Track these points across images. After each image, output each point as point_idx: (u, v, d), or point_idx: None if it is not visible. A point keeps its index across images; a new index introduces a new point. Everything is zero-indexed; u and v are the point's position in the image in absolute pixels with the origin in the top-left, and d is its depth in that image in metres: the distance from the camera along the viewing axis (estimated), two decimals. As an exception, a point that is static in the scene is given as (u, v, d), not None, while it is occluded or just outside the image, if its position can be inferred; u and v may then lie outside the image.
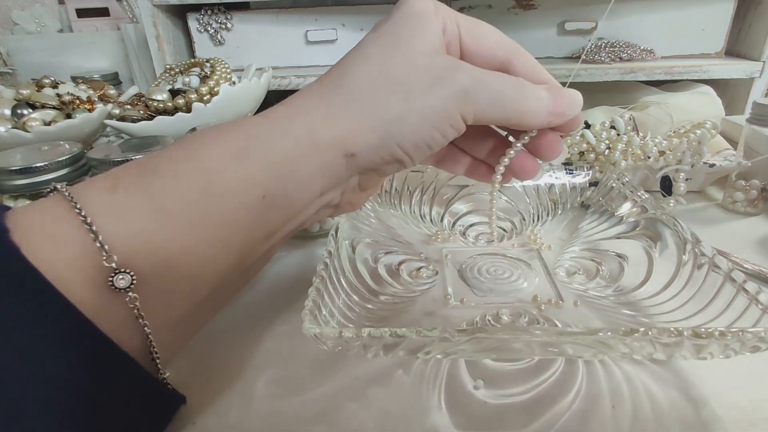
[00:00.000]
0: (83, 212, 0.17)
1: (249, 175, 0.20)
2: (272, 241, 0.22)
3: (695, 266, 0.26)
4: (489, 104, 0.22)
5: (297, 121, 0.21)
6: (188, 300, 0.20)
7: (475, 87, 0.21)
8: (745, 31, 0.60)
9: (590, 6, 0.59)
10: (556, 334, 0.21)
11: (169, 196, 0.18)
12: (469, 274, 0.32)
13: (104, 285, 0.17)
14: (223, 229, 0.19)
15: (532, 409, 0.22)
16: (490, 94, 0.21)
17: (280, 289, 0.32)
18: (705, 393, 0.23)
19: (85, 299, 0.16)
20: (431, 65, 0.21)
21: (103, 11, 0.78)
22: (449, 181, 0.39)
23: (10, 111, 0.44)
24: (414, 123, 0.21)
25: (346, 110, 0.21)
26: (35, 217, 0.17)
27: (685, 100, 0.53)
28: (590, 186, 0.39)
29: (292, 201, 0.21)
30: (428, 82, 0.21)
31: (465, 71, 0.21)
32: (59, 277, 0.16)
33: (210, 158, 0.19)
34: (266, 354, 0.26)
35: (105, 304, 0.17)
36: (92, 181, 0.19)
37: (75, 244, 0.17)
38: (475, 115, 0.22)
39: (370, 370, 0.25)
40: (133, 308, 0.18)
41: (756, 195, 0.39)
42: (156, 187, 0.19)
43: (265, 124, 0.21)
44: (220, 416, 0.23)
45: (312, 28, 0.63)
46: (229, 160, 0.19)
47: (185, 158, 0.19)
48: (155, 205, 0.18)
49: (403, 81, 0.21)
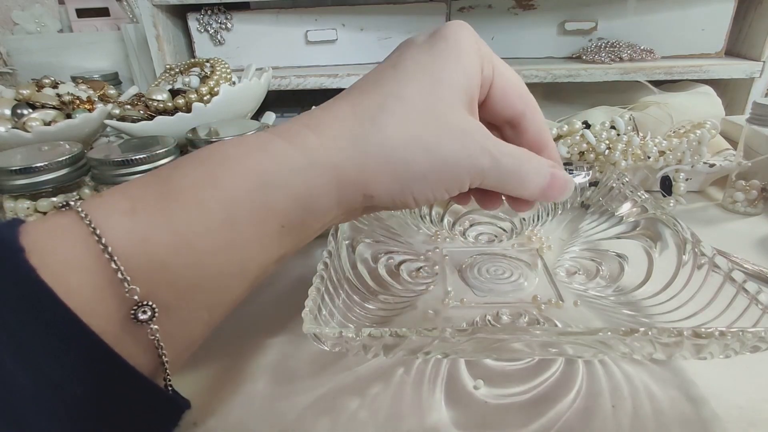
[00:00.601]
0: (103, 240, 0.17)
1: (272, 205, 0.19)
2: (282, 262, 0.22)
3: (695, 266, 0.26)
4: (497, 180, 0.23)
5: (326, 156, 0.20)
6: (205, 326, 0.20)
7: (492, 167, 0.22)
8: (745, 31, 0.60)
9: (590, 6, 0.59)
10: (556, 334, 0.21)
11: (192, 226, 0.18)
12: (469, 274, 0.32)
13: (126, 317, 0.17)
14: (242, 257, 0.19)
15: (532, 409, 0.22)
16: (503, 174, 0.22)
17: (280, 289, 0.32)
18: (705, 393, 0.23)
19: (106, 330, 0.16)
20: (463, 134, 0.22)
21: (103, 11, 0.78)
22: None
23: (10, 111, 0.44)
24: (432, 182, 0.22)
25: (376, 158, 0.21)
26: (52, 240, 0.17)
27: (685, 100, 0.53)
28: (590, 186, 0.39)
29: (308, 229, 0.21)
30: (456, 152, 0.21)
31: (490, 152, 0.22)
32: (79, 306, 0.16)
33: (234, 187, 0.19)
34: (267, 354, 0.26)
35: (126, 335, 0.17)
36: (108, 200, 0.18)
37: (96, 274, 0.16)
38: (482, 184, 0.23)
39: (370, 369, 0.25)
40: (154, 339, 0.17)
41: (756, 195, 0.39)
42: (178, 216, 0.18)
43: (291, 153, 0.20)
44: (222, 416, 0.23)
45: (312, 28, 0.63)
46: (253, 190, 0.19)
47: (209, 184, 0.19)
48: (178, 236, 0.18)
49: (434, 144, 0.21)
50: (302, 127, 0.21)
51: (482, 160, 0.22)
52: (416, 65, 0.22)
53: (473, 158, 0.22)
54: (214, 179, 0.19)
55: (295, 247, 0.22)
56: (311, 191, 0.20)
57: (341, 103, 0.22)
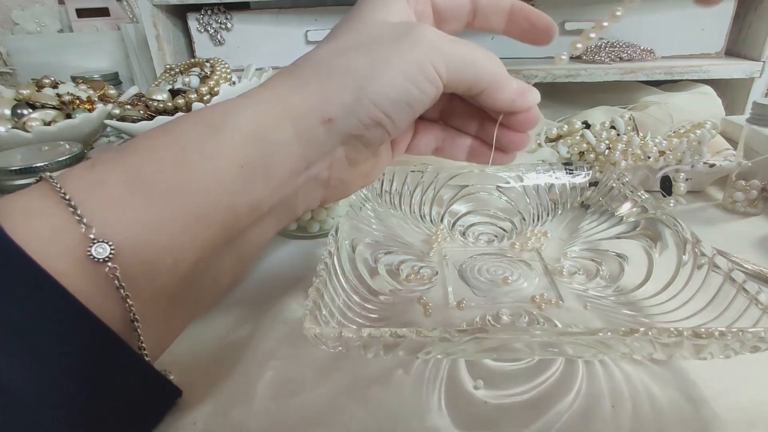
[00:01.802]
0: (63, 189, 0.17)
1: (224, 144, 0.20)
2: (258, 214, 0.22)
3: (695, 266, 0.26)
4: (461, 62, 0.22)
5: (271, 93, 0.21)
6: (170, 273, 0.19)
7: (442, 39, 0.22)
8: (745, 31, 0.60)
9: (590, 6, 0.59)
10: (556, 334, 0.21)
11: (144, 168, 0.19)
12: (469, 275, 0.32)
13: (83, 256, 0.17)
14: (201, 200, 0.19)
15: (532, 409, 0.22)
16: (461, 49, 0.22)
17: (280, 289, 0.32)
18: (705, 393, 0.23)
19: (65, 271, 0.16)
20: (396, 26, 0.22)
21: (103, 11, 0.78)
22: (449, 181, 0.39)
23: (10, 111, 0.44)
24: (387, 77, 0.21)
25: (316, 76, 0.21)
26: (18, 198, 0.18)
27: (685, 100, 0.53)
28: (590, 186, 0.39)
29: (271, 169, 0.21)
30: (395, 37, 0.22)
31: (431, 29, 0.22)
32: (38, 250, 0.16)
33: (185, 132, 0.20)
34: (267, 354, 0.26)
35: (85, 276, 0.17)
36: (75, 166, 0.20)
37: (54, 217, 0.17)
38: (447, 69, 0.22)
39: (370, 370, 0.25)
40: (113, 278, 0.18)
41: (756, 195, 0.39)
42: (131, 162, 0.19)
43: (239, 100, 0.21)
44: (222, 416, 0.23)
45: (312, 28, 0.63)
46: (203, 132, 0.20)
47: (161, 134, 0.20)
48: (130, 176, 0.18)
49: (369, 42, 0.22)
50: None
51: (425, 31, 0.22)
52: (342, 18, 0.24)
53: (413, 33, 0.22)
54: (167, 130, 0.20)
55: (271, 197, 0.22)
56: (263, 125, 0.21)
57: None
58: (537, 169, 0.40)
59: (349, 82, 0.21)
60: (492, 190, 0.39)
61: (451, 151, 0.28)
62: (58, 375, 0.16)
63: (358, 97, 0.21)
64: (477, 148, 0.28)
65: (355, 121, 0.21)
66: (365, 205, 0.37)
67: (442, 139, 0.28)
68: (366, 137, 0.22)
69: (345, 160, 0.24)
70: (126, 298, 0.18)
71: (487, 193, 0.39)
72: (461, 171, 0.39)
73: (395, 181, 0.39)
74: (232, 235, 0.21)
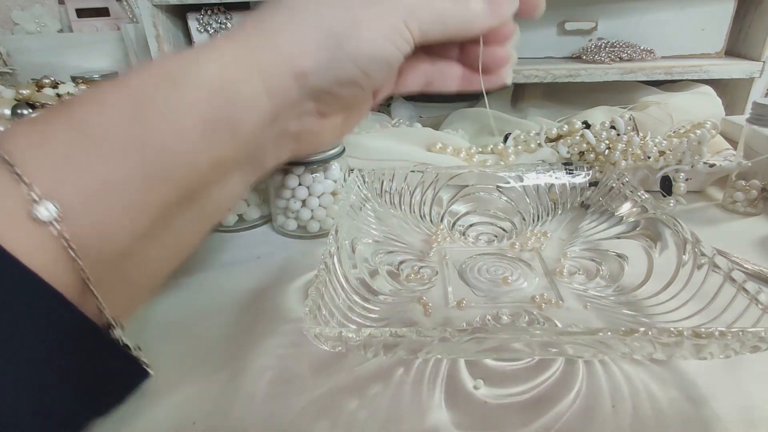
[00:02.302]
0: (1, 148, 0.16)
1: (183, 99, 0.19)
2: (223, 171, 0.21)
3: (695, 266, 0.26)
4: (432, 20, 0.22)
5: (238, 45, 0.20)
6: (128, 233, 0.18)
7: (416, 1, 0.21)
8: (745, 31, 0.60)
9: (590, 6, 0.59)
10: (556, 334, 0.21)
11: (93, 122, 0.17)
12: (469, 274, 0.32)
13: (27, 218, 0.16)
14: (160, 156, 0.18)
15: (532, 409, 0.22)
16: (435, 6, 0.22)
17: (279, 288, 0.32)
18: (705, 393, 0.23)
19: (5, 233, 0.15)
20: None
21: (103, 11, 0.78)
22: (449, 181, 0.39)
23: (10, 111, 0.44)
24: (366, 35, 0.20)
25: (290, 26, 0.20)
26: None
27: (685, 100, 0.53)
28: (590, 186, 0.39)
29: (238, 125, 0.20)
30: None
31: None
32: None
33: (139, 85, 0.18)
34: (267, 354, 0.26)
35: (31, 238, 0.16)
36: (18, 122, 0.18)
37: None
38: (420, 28, 0.22)
39: (370, 370, 0.25)
40: (61, 239, 0.16)
41: (756, 195, 0.39)
42: (78, 115, 0.18)
43: (200, 50, 0.20)
44: (221, 416, 0.23)
45: (312, 28, 0.63)
46: (159, 85, 0.18)
47: (111, 86, 0.19)
48: (77, 131, 0.17)
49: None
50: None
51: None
52: None
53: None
54: (118, 82, 0.19)
55: (236, 152, 0.20)
56: (229, 79, 0.19)
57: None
58: (537, 169, 0.40)
59: (327, 38, 0.20)
60: (492, 190, 0.39)
61: (441, 83, 0.27)
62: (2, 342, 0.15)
63: (335, 53, 0.20)
64: (467, 75, 0.27)
65: (329, 76, 0.21)
66: (365, 205, 0.37)
67: (429, 73, 0.27)
68: (338, 93, 0.22)
69: (315, 112, 0.23)
70: (76, 260, 0.17)
71: (487, 193, 0.39)
72: (461, 171, 0.39)
73: (395, 181, 0.39)
74: (194, 193, 0.20)
